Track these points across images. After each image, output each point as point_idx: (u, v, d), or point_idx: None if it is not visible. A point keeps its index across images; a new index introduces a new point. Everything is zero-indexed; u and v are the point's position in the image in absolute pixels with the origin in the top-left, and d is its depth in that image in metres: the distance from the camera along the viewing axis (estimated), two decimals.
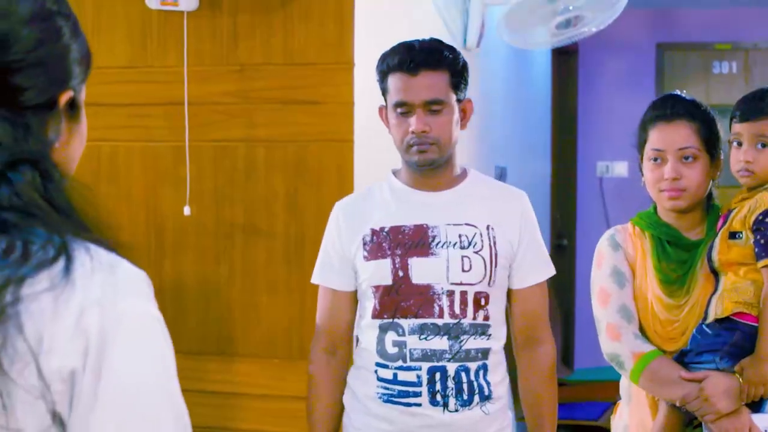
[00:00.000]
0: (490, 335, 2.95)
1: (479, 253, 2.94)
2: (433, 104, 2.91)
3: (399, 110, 2.94)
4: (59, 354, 1.21)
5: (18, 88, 1.34)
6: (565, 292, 8.11)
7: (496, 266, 2.95)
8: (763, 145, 2.87)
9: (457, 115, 2.97)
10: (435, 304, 2.91)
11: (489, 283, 2.95)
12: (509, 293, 3.05)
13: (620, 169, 8.41)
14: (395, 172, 3.10)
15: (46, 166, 1.32)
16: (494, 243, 2.96)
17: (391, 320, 2.94)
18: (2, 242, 1.25)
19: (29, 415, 1.20)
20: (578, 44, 8.20)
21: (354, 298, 3.08)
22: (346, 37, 3.79)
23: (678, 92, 3.12)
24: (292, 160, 3.86)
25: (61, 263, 1.24)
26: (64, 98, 1.40)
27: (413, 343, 2.92)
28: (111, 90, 4.01)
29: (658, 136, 2.98)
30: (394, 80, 2.95)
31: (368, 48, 3.85)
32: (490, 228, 2.97)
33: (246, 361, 3.93)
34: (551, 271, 3.10)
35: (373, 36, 3.92)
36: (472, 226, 2.96)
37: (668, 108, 3.00)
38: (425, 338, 2.91)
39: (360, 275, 3.02)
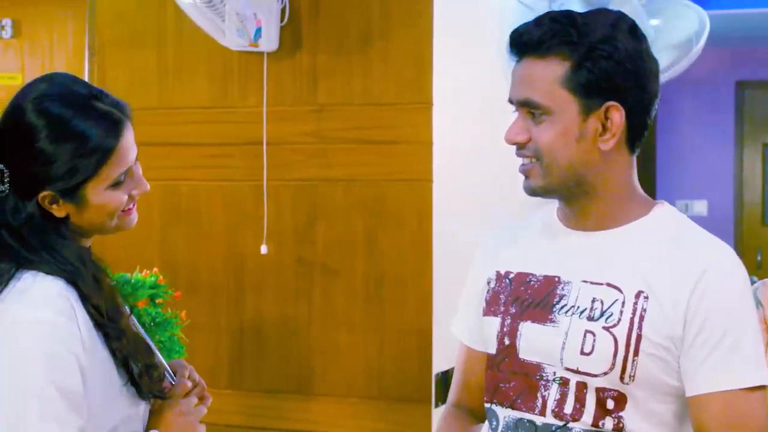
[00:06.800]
0: None
1: (611, 330, 1.93)
2: (528, 106, 1.98)
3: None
4: None
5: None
6: None
7: (636, 354, 1.91)
8: None
9: (578, 127, 1.95)
10: (539, 394, 1.98)
11: (623, 378, 1.92)
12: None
13: (700, 207, 8.31)
14: None
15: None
16: (641, 319, 1.91)
17: (489, 405, 2.08)
18: None
19: None
20: None
21: None
22: (425, 77, 3.79)
23: None
24: (371, 200, 3.86)
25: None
26: (41, 196, 1.94)
27: None
28: (192, 130, 4.05)
29: None
30: None
31: (447, 87, 3.85)
32: (642, 296, 1.93)
33: (324, 400, 3.92)
34: (753, 377, 1.89)
35: (451, 75, 3.92)
36: (615, 288, 1.95)
37: None
38: None
39: None
